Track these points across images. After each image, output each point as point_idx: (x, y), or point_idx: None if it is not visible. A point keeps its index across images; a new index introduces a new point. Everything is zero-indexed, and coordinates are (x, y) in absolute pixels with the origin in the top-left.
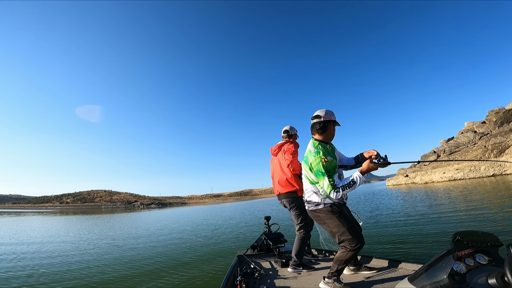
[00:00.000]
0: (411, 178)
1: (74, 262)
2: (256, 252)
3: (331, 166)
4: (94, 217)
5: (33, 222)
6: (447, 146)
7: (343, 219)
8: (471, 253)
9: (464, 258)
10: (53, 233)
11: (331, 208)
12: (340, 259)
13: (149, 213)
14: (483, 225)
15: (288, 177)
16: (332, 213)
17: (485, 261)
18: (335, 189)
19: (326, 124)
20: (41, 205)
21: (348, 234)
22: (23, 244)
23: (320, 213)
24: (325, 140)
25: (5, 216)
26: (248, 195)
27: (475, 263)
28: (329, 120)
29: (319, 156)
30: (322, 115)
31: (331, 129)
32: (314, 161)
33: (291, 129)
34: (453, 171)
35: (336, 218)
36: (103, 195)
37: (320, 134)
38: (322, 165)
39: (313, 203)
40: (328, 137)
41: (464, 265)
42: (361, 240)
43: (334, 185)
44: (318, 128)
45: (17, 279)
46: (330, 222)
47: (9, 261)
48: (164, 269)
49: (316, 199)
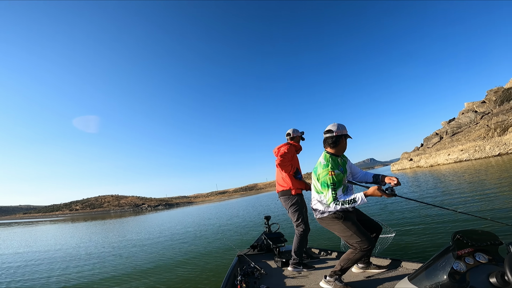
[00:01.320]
0: (415, 161)
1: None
2: (256, 251)
3: (337, 180)
4: (105, 222)
5: (53, 230)
6: (449, 127)
7: (349, 223)
8: (471, 252)
9: (464, 257)
10: (78, 239)
11: (335, 215)
12: (348, 258)
13: (157, 214)
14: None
15: (282, 176)
16: (337, 219)
17: (485, 260)
18: (336, 201)
19: (338, 138)
20: (51, 213)
21: (356, 237)
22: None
23: (326, 220)
24: (336, 153)
25: (17, 226)
26: (253, 190)
27: (475, 262)
28: (341, 135)
29: (327, 169)
30: (334, 130)
31: (343, 143)
32: (322, 173)
33: (293, 132)
34: (458, 153)
35: (341, 223)
36: (110, 200)
37: (332, 148)
38: (328, 178)
39: (319, 211)
40: (340, 151)
41: (464, 264)
42: (371, 241)
43: (336, 198)
44: (330, 143)
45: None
46: (336, 228)
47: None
48: (164, 269)
49: (320, 208)
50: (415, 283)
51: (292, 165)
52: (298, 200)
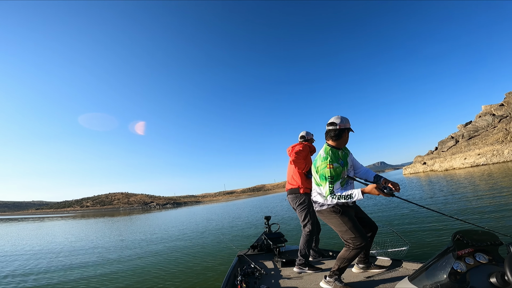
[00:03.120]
0: (429, 165)
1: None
2: (256, 252)
3: (336, 173)
4: (113, 219)
5: (65, 226)
6: (466, 131)
7: (346, 218)
8: (471, 252)
9: (464, 257)
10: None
11: (333, 208)
12: (343, 257)
13: (165, 213)
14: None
15: (293, 174)
16: (335, 213)
17: (485, 260)
18: (332, 195)
19: (341, 132)
20: (63, 209)
21: (351, 233)
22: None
23: (324, 213)
24: (337, 146)
25: (30, 221)
26: (260, 191)
27: (475, 262)
28: (344, 128)
29: (326, 162)
30: (338, 123)
31: (345, 136)
32: (321, 165)
33: (307, 134)
34: (475, 157)
35: (338, 217)
36: (120, 197)
37: (334, 141)
38: (326, 171)
39: (318, 204)
40: (341, 144)
41: (464, 264)
42: (365, 239)
43: (332, 191)
44: (332, 135)
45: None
46: (333, 222)
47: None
48: (164, 269)
49: (320, 200)
50: (415, 283)
51: (306, 163)
52: (306, 199)
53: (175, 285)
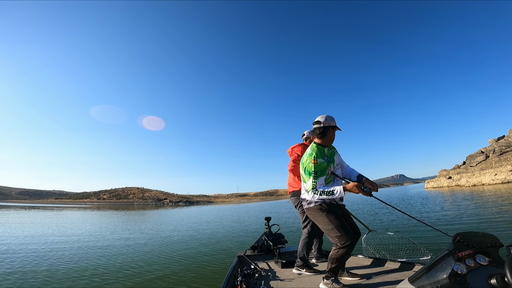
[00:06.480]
0: (455, 180)
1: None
2: (256, 252)
3: (319, 168)
4: (125, 213)
5: (86, 217)
6: (497, 146)
7: (332, 217)
8: (471, 254)
9: (464, 259)
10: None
11: (320, 206)
12: (332, 257)
13: (176, 210)
14: None
15: (292, 177)
16: (321, 211)
17: (485, 262)
18: (315, 190)
19: (326, 129)
20: (80, 200)
21: (336, 232)
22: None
23: (312, 211)
24: (323, 144)
25: (49, 210)
26: (273, 195)
27: (475, 264)
28: (328, 126)
29: (311, 158)
30: (322, 121)
31: (330, 134)
32: (306, 161)
33: (309, 133)
34: (507, 173)
35: (324, 215)
36: (136, 192)
37: (319, 139)
38: (310, 166)
39: (306, 201)
40: (327, 141)
41: (465, 266)
42: (351, 237)
43: (315, 187)
44: (318, 133)
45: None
46: (319, 220)
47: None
48: (164, 269)
49: (307, 197)
50: (415, 285)
51: None
52: None
53: (175, 285)
